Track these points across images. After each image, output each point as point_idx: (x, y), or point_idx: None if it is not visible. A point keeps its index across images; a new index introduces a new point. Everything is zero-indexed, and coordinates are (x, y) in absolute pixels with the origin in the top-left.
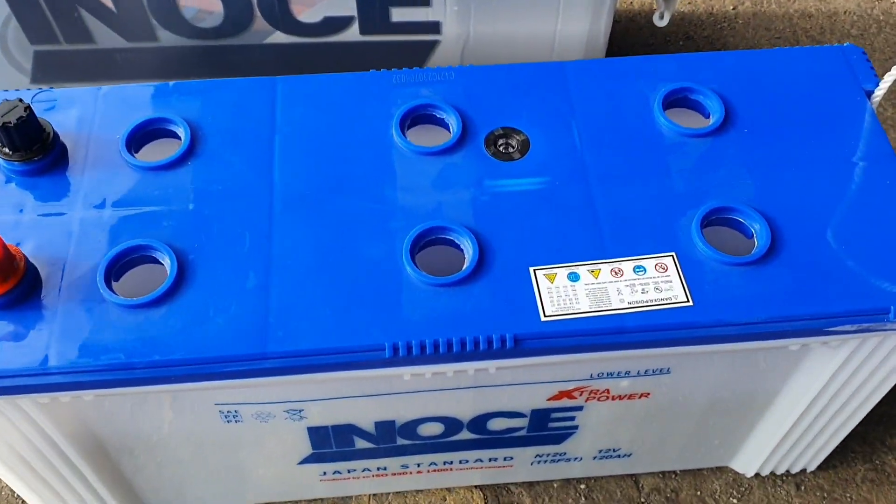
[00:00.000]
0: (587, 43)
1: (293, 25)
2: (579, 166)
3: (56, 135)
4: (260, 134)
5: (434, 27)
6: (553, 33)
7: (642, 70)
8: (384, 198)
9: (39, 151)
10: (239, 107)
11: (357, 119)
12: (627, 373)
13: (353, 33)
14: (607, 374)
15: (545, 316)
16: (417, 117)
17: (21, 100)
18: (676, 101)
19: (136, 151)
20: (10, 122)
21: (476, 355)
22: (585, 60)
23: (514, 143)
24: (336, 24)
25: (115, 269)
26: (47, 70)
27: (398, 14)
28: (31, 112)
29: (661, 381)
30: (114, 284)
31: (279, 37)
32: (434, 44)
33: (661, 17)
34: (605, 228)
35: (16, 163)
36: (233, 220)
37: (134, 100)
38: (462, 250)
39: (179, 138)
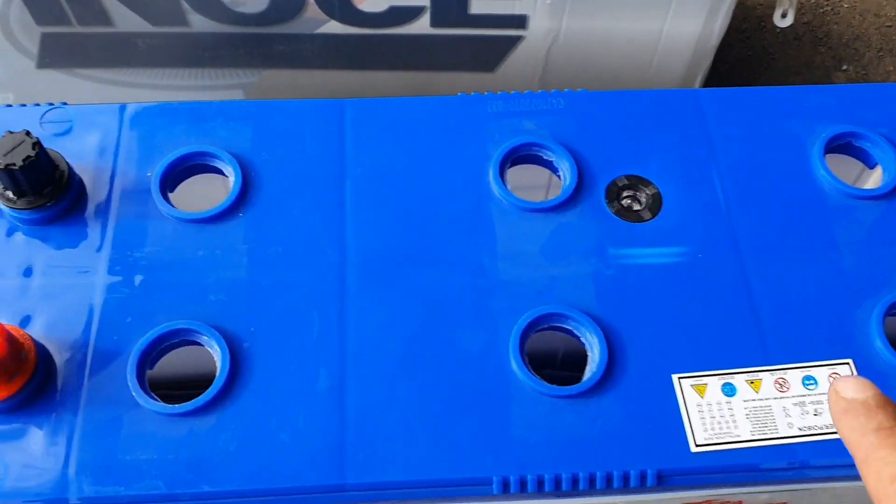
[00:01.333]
0: (697, 44)
1: (352, 14)
2: (727, 232)
3: (72, 171)
4: (327, 176)
5: (520, 21)
6: (659, 31)
7: (796, 103)
8: (482, 269)
9: (52, 195)
10: (299, 138)
11: (446, 158)
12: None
13: (422, 25)
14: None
15: (696, 445)
16: (518, 158)
17: (29, 133)
18: (837, 146)
19: (172, 190)
20: (14, 165)
21: (608, 492)
22: (724, 90)
23: (642, 197)
24: (404, 14)
25: (150, 358)
26: (56, 54)
27: (479, 5)
28: (41, 149)
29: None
30: (148, 380)
31: (334, 27)
32: (516, 40)
33: (784, 16)
34: (764, 321)
35: (22, 210)
36: (297, 296)
37: (169, 123)
38: (584, 345)
39: (226, 175)
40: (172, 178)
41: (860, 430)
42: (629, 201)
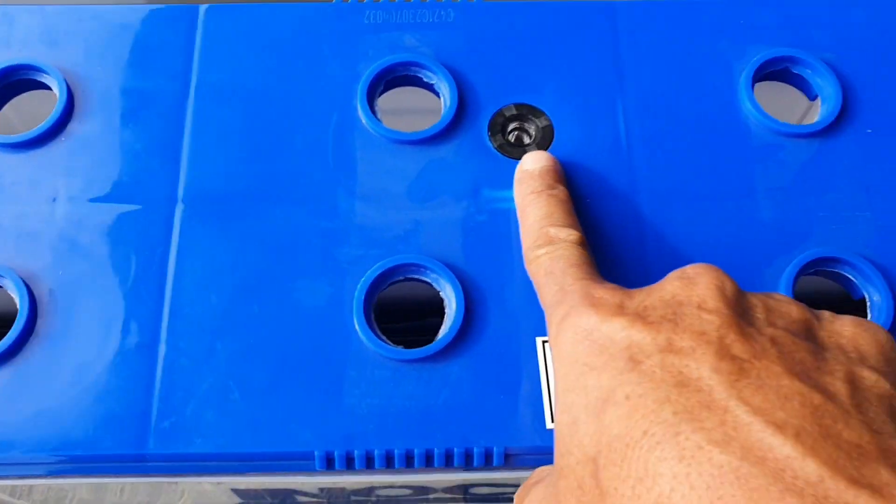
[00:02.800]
0: None
1: None
2: (625, 173)
3: None
4: (167, 94)
5: None
6: None
7: (725, 20)
8: (335, 209)
9: None
10: (141, 48)
11: (309, 77)
12: None
13: None
14: None
15: (553, 422)
16: (394, 79)
17: None
18: (770, 73)
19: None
20: None
21: (448, 470)
22: (645, 3)
23: (531, 130)
24: None
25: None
26: None
27: None
28: None
29: None
30: None
31: None
32: None
33: None
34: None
35: None
36: (115, 236)
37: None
38: (442, 302)
39: (53, 95)
40: None
41: (521, 195)
42: (516, 134)
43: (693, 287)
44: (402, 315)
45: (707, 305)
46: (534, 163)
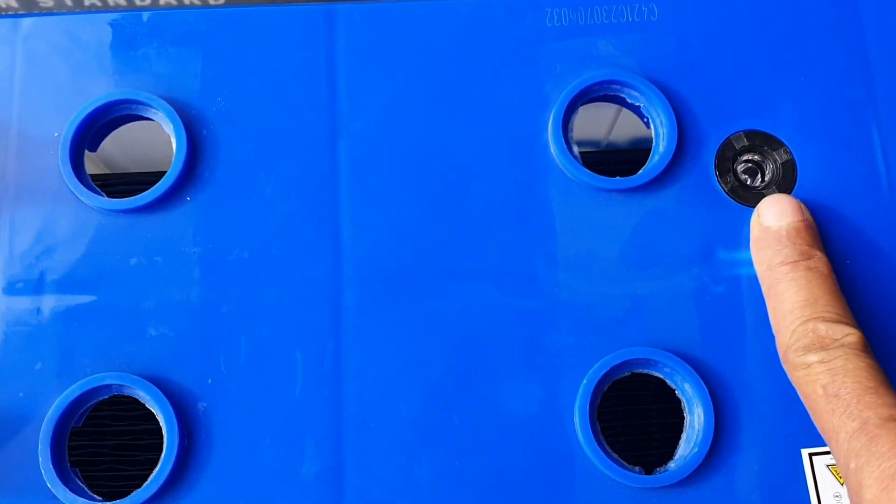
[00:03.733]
0: None
1: None
2: (889, 225)
3: None
4: (312, 133)
5: None
6: None
7: None
8: (535, 283)
9: None
10: (270, 70)
11: (481, 103)
12: None
13: None
14: None
15: None
16: (590, 101)
17: None
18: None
19: (94, 149)
20: None
21: None
22: None
23: (767, 166)
24: None
25: (70, 424)
26: None
27: None
28: None
29: None
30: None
31: None
32: None
33: None
34: None
35: None
36: (272, 327)
37: (81, 49)
38: (682, 407)
39: (169, 141)
40: (89, 138)
41: (767, 263)
42: (749, 174)
43: None
44: None
45: None
46: (778, 217)
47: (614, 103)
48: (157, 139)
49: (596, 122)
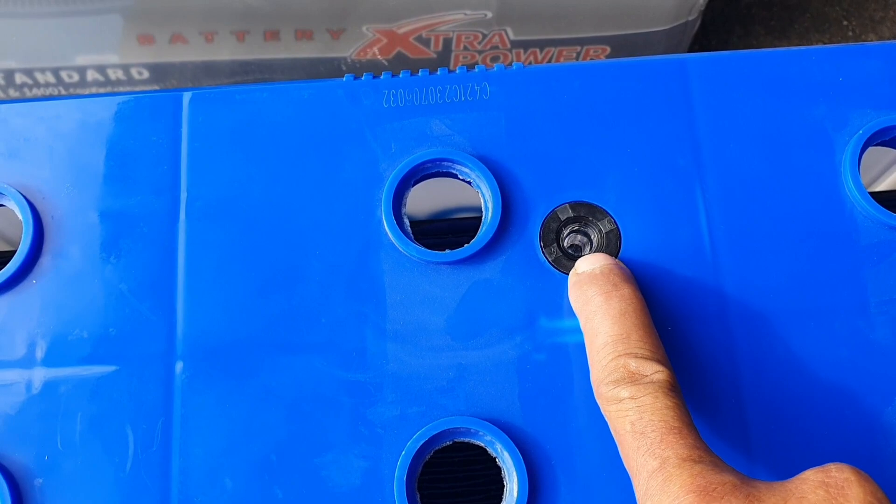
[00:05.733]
0: None
1: None
2: (711, 290)
3: None
4: (152, 216)
5: None
6: None
7: (822, 76)
8: (363, 355)
9: None
10: (114, 156)
11: (318, 181)
12: None
13: None
14: None
15: None
16: (423, 178)
17: None
18: (880, 143)
19: None
20: None
21: None
22: (723, 55)
23: (592, 235)
24: None
25: None
26: None
27: None
28: None
29: None
30: None
31: None
32: None
33: None
34: (753, 428)
35: None
36: (107, 405)
37: None
38: (502, 474)
39: (19, 225)
40: None
41: (583, 299)
42: (574, 243)
43: (843, 502)
44: None
45: None
46: (592, 263)
47: (448, 177)
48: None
49: None
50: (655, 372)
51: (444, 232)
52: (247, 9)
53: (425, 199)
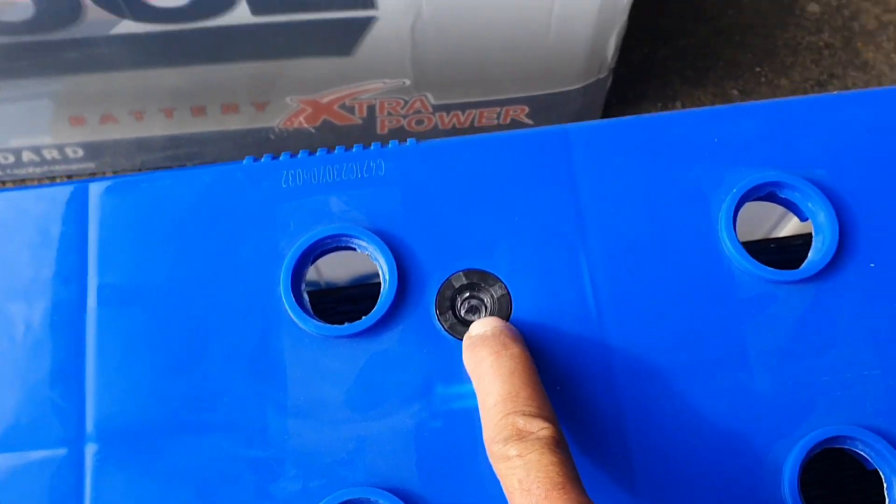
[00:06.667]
0: (602, 4)
1: (145, 11)
2: (596, 349)
3: None
4: (62, 297)
5: (363, 0)
6: (549, 8)
7: (697, 139)
8: (265, 432)
9: None
10: (28, 245)
11: (219, 262)
12: None
13: (241, 15)
14: None
15: None
16: (322, 253)
17: None
18: (754, 199)
19: None
20: None
21: None
22: (601, 123)
23: (486, 300)
24: (211, 6)
25: None
26: None
27: None
28: None
29: None
30: None
31: (129, 26)
32: (367, 22)
33: None
34: (640, 477)
35: None
36: (14, 494)
37: None
38: None
39: None
40: None
41: (475, 360)
42: (469, 311)
43: None
44: None
45: None
46: (483, 327)
47: (347, 250)
48: None
49: None
50: (542, 429)
51: (366, 297)
52: (172, 88)
53: (346, 264)
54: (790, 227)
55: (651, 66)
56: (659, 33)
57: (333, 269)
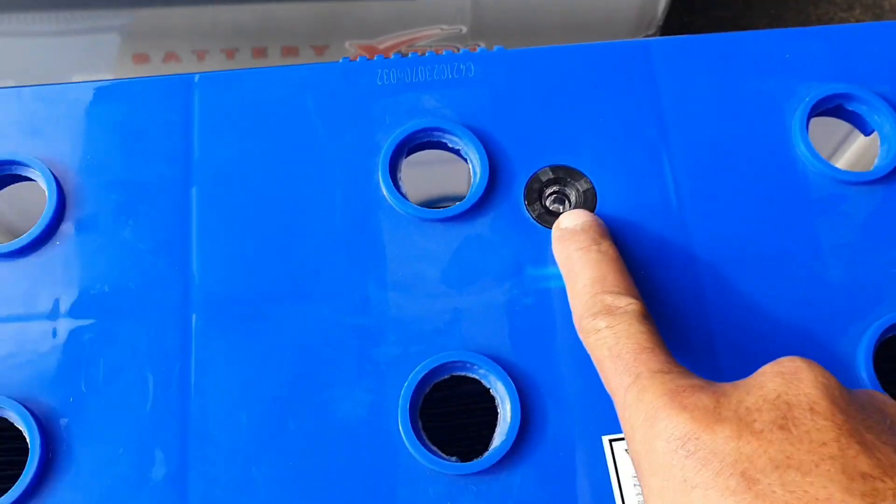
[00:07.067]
0: None
1: None
2: (679, 239)
3: None
4: (168, 184)
5: None
6: None
7: (770, 54)
8: (367, 303)
9: None
10: (132, 132)
11: (321, 150)
12: None
13: None
14: None
15: None
16: (416, 146)
17: None
18: (825, 111)
19: None
20: None
21: None
22: (678, 39)
23: (571, 195)
24: None
25: None
26: None
27: None
28: None
29: None
30: None
31: None
32: None
33: None
34: (723, 359)
35: None
36: (127, 351)
37: None
38: (496, 403)
39: (43, 192)
40: None
41: (564, 252)
42: (555, 201)
43: (797, 384)
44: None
45: (819, 408)
46: (573, 220)
47: (437, 149)
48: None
49: None
50: (629, 304)
51: None
52: (236, 27)
53: (416, 186)
54: (842, 161)
55: (688, 34)
56: (697, 4)
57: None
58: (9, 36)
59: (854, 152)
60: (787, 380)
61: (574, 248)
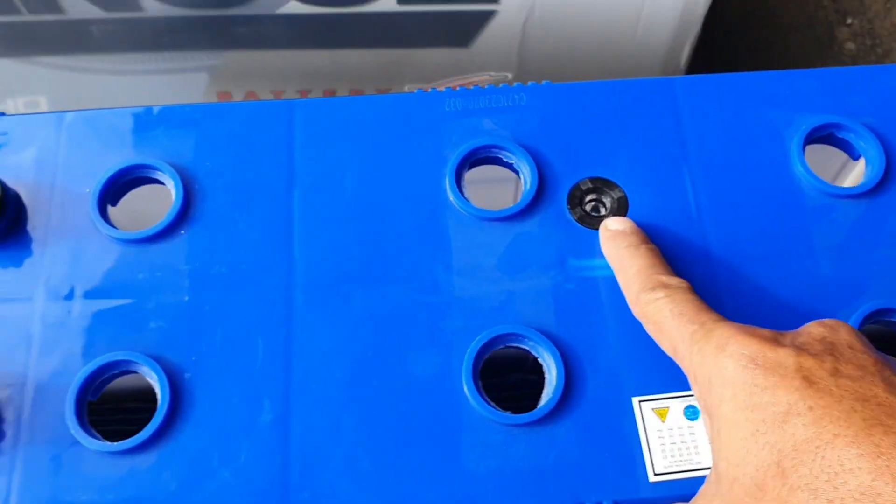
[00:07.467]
0: (682, 15)
1: None
2: (698, 238)
3: (7, 190)
4: (274, 186)
5: None
6: (637, 14)
7: (774, 90)
8: (437, 285)
9: None
10: (245, 144)
11: (400, 162)
12: None
13: (388, 2)
14: None
15: (655, 474)
16: (477, 161)
17: None
18: (816, 138)
19: (115, 204)
20: None
21: None
22: (699, 77)
23: (607, 201)
24: None
25: (90, 391)
26: (8, 44)
27: None
28: None
29: None
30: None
31: (295, 6)
32: (489, 15)
33: None
34: None
35: None
36: (241, 320)
37: (107, 132)
38: (542, 367)
39: (168, 188)
40: (112, 193)
41: (615, 248)
42: (593, 206)
43: (837, 332)
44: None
45: (856, 347)
46: (620, 224)
47: (494, 164)
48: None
49: None
50: (681, 282)
51: None
52: (309, 70)
53: None
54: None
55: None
56: (715, 59)
57: None
58: (110, 74)
59: (853, 178)
60: (829, 328)
61: (624, 245)
